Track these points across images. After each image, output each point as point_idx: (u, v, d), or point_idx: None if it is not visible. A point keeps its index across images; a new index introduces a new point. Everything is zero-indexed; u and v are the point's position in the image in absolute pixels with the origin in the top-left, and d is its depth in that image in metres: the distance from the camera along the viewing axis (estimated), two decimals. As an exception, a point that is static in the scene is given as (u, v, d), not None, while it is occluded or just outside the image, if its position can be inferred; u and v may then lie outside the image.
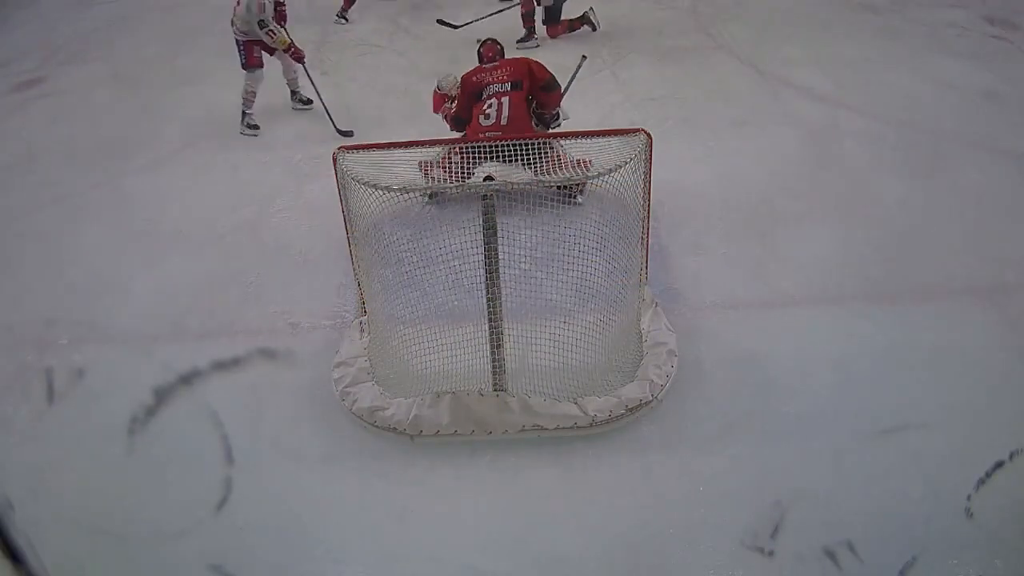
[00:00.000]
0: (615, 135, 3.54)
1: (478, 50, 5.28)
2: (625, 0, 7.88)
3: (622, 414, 3.55)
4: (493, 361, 3.56)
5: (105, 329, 4.28)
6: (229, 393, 3.81)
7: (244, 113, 6.04)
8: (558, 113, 5.04)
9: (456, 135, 4.93)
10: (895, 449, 3.39)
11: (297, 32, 5.32)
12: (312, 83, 6.10)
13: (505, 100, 4.73)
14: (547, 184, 3.52)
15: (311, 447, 3.59)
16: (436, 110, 5.29)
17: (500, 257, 3.35)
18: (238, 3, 5.79)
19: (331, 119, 5.94)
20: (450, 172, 3.71)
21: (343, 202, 3.71)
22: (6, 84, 6.90)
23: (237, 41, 5.91)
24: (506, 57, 5.15)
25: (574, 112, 5.21)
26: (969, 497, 3.16)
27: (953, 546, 3.03)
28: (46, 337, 4.24)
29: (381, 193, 3.28)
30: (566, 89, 5.28)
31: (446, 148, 3.89)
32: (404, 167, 3.52)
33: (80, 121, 6.29)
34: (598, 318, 3.68)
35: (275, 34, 5.77)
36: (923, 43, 6.64)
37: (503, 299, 3.45)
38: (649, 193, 3.79)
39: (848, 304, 4.17)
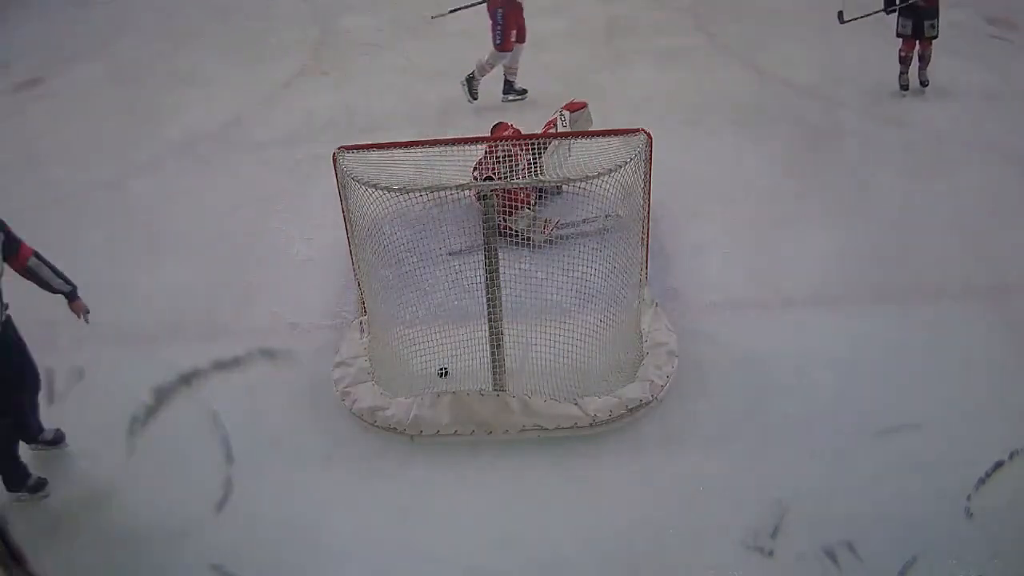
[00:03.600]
0: (615, 135, 3.54)
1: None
2: (625, 0, 7.87)
3: (622, 414, 3.55)
4: (493, 361, 3.56)
5: (105, 329, 4.26)
6: (229, 393, 3.81)
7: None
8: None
9: (452, 136, 4.91)
10: (895, 449, 3.39)
11: (297, 32, 5.30)
12: None
13: None
14: (546, 184, 3.51)
15: (311, 447, 3.59)
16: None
17: (500, 257, 3.36)
18: None
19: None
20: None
21: (343, 202, 3.71)
22: (6, 84, 6.89)
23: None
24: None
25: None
26: (969, 497, 3.16)
27: (953, 546, 3.03)
28: (46, 337, 4.23)
29: (381, 193, 3.28)
30: None
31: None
32: (404, 167, 3.52)
33: (80, 121, 6.28)
34: (598, 318, 3.68)
35: None
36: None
37: (503, 299, 3.45)
38: (649, 193, 3.78)
39: (848, 304, 4.18)
